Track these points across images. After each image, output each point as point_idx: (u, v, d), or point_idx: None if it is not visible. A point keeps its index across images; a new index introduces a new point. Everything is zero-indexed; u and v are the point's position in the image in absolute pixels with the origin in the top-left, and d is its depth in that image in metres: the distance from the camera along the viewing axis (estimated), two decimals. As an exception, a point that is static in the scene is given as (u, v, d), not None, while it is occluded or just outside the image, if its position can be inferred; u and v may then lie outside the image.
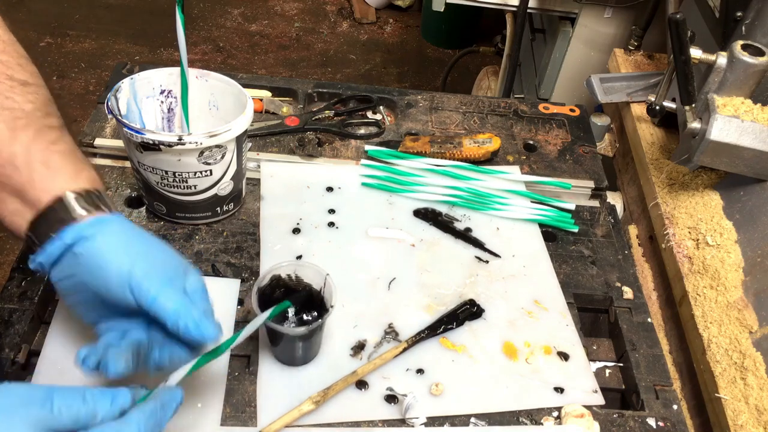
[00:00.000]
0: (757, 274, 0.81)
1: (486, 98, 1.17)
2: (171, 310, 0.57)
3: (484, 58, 2.31)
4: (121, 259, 0.58)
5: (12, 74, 0.61)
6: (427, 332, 0.79)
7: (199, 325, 0.58)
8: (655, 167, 1.02)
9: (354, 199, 0.95)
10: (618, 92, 1.17)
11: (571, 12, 1.48)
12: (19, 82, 0.61)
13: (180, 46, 0.80)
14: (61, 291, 0.62)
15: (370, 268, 0.86)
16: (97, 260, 0.58)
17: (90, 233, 0.58)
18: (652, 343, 0.82)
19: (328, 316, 0.70)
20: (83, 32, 2.96)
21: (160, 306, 0.57)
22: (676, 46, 0.82)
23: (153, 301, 0.57)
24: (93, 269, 0.58)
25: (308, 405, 0.69)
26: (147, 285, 0.57)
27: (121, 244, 0.59)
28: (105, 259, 0.58)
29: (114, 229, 0.60)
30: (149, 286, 0.57)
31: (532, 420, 0.73)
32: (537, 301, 0.85)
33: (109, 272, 0.58)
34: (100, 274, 0.58)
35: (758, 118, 0.83)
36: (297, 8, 3.33)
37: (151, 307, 0.57)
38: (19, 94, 0.60)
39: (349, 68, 3.00)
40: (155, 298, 0.57)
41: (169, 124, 0.89)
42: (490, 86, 1.89)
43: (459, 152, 1.01)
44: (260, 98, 1.08)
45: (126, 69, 1.09)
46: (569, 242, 0.94)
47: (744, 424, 0.72)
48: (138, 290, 0.57)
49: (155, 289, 0.57)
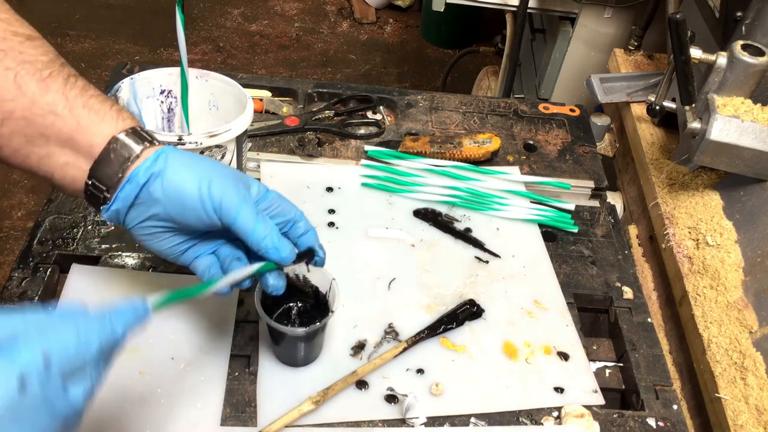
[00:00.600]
0: (757, 274, 0.81)
1: (486, 98, 1.17)
2: (252, 229, 0.60)
3: (484, 58, 2.31)
4: (198, 184, 0.59)
5: (16, 30, 0.59)
6: (427, 332, 0.79)
7: (278, 247, 0.61)
8: (655, 167, 1.02)
9: (354, 199, 0.95)
10: (618, 92, 1.16)
11: (571, 12, 1.48)
12: (25, 36, 0.59)
13: (180, 46, 0.80)
14: (138, 233, 0.62)
15: (370, 268, 0.86)
16: (175, 191, 0.59)
17: (159, 167, 0.59)
18: (652, 343, 0.82)
19: (330, 319, 0.70)
20: (83, 32, 2.96)
21: (242, 224, 0.60)
22: (676, 46, 0.82)
23: (235, 219, 0.59)
24: (173, 200, 0.59)
25: (308, 405, 0.69)
26: (227, 203, 0.59)
27: (190, 170, 0.60)
28: (182, 187, 0.59)
29: (176, 158, 0.60)
30: (230, 205, 0.59)
31: (532, 420, 0.73)
32: (537, 301, 0.85)
33: (190, 199, 0.59)
34: (181, 203, 0.59)
35: (758, 118, 0.83)
36: (297, 8, 3.33)
37: (234, 224, 0.60)
38: (30, 48, 0.58)
39: (349, 68, 3.00)
40: (237, 215, 0.59)
41: (169, 124, 0.89)
42: (490, 86, 1.89)
43: (459, 152, 1.01)
44: (260, 98, 1.08)
45: (126, 69, 1.09)
46: (569, 242, 0.94)
47: (744, 424, 0.72)
48: (220, 209, 0.59)
49: (235, 207, 0.59)
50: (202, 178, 0.59)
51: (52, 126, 0.57)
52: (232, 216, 0.59)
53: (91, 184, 0.59)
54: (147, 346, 0.74)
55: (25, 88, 0.56)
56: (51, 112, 0.57)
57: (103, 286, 0.79)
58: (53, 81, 0.58)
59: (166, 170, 0.59)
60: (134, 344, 0.75)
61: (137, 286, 0.80)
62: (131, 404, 0.69)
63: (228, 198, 0.59)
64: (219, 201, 0.59)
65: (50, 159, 0.59)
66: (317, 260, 0.66)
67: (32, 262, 0.81)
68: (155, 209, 0.59)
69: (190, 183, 0.59)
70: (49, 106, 0.57)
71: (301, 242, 0.65)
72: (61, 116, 0.57)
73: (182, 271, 0.82)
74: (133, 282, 0.80)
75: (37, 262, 0.81)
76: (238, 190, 0.61)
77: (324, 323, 0.70)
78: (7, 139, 0.57)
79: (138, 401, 0.69)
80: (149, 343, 0.74)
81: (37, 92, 0.57)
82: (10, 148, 0.58)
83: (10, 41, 0.57)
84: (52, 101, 0.57)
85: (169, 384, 0.71)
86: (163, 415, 0.68)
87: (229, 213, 0.59)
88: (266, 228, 0.61)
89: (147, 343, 0.74)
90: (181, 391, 0.70)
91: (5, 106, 0.56)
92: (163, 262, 0.83)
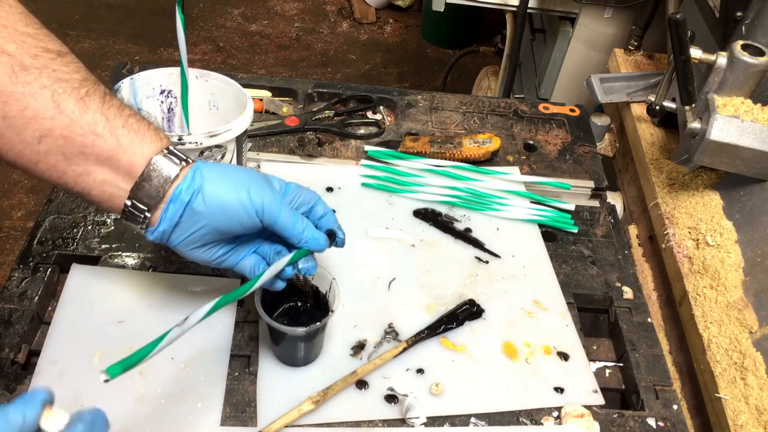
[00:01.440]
0: (757, 274, 0.81)
1: (486, 98, 1.17)
2: (293, 225, 0.64)
3: (484, 58, 2.31)
4: (237, 192, 0.62)
5: (46, 45, 0.58)
6: (427, 332, 0.79)
7: (316, 237, 0.66)
8: (655, 167, 1.02)
9: (354, 199, 0.95)
10: (618, 92, 1.16)
11: (571, 12, 1.48)
12: (56, 52, 0.59)
13: (180, 46, 0.80)
14: (184, 249, 0.64)
15: (370, 268, 0.86)
16: (218, 202, 0.61)
17: (198, 184, 0.61)
18: (652, 343, 0.82)
19: (329, 319, 0.70)
20: (83, 32, 2.96)
21: (283, 222, 0.64)
22: (676, 46, 0.82)
23: (277, 219, 0.64)
24: (216, 212, 0.62)
25: (308, 405, 0.69)
26: (268, 206, 0.63)
27: (227, 181, 0.62)
28: (223, 198, 0.62)
29: (211, 172, 0.62)
30: (271, 207, 0.63)
31: (532, 420, 0.73)
32: (537, 301, 0.85)
33: (232, 207, 0.62)
34: (224, 213, 0.62)
35: (758, 118, 0.83)
36: (297, 8, 3.33)
37: (276, 223, 0.64)
38: (62, 65, 0.58)
39: (349, 68, 3.00)
40: (278, 215, 0.64)
41: (169, 124, 0.89)
42: (490, 86, 1.89)
43: (459, 152, 1.01)
44: (260, 98, 1.08)
45: (126, 69, 1.09)
46: (569, 242, 0.94)
47: (744, 424, 0.72)
48: (263, 212, 0.63)
49: (276, 208, 0.63)
50: (240, 186, 0.62)
51: (92, 145, 0.58)
52: (274, 216, 0.63)
53: (131, 204, 0.60)
54: (147, 346, 0.74)
55: (64, 107, 0.57)
56: (91, 131, 0.58)
57: (103, 286, 0.79)
58: (91, 100, 0.58)
59: (204, 185, 0.61)
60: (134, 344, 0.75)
61: (137, 286, 0.80)
62: (131, 404, 0.69)
63: (268, 201, 0.63)
64: (260, 205, 0.62)
65: (88, 177, 0.59)
66: (338, 241, 0.69)
67: (32, 262, 0.81)
68: (200, 223, 0.62)
69: (230, 193, 0.62)
70: (90, 126, 0.58)
71: (320, 225, 0.69)
72: (101, 136, 0.58)
73: (182, 271, 0.82)
74: (133, 282, 0.80)
75: (37, 262, 0.81)
76: (273, 191, 0.64)
77: (324, 323, 0.70)
78: (44, 155, 0.58)
79: (138, 401, 0.69)
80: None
81: (77, 111, 0.57)
82: (46, 164, 0.58)
83: (43, 58, 0.57)
84: (92, 120, 0.58)
85: (169, 384, 0.71)
86: (163, 415, 0.68)
87: (272, 214, 0.63)
88: (302, 222, 0.65)
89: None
90: (181, 391, 0.70)
91: (44, 125, 0.56)
92: (164, 262, 0.83)
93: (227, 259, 0.67)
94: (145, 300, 0.78)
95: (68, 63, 0.59)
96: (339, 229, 0.70)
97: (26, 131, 0.56)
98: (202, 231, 0.63)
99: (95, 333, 0.74)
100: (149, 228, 0.62)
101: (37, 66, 0.56)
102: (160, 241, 0.63)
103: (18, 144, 0.57)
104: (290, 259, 0.66)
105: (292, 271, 0.67)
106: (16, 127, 0.56)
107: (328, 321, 0.71)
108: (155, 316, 0.77)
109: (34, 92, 0.56)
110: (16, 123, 0.56)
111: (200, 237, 0.63)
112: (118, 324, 0.76)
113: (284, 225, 0.64)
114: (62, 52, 0.60)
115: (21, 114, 0.55)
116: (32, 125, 0.56)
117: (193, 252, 0.65)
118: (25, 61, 0.56)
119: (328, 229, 0.69)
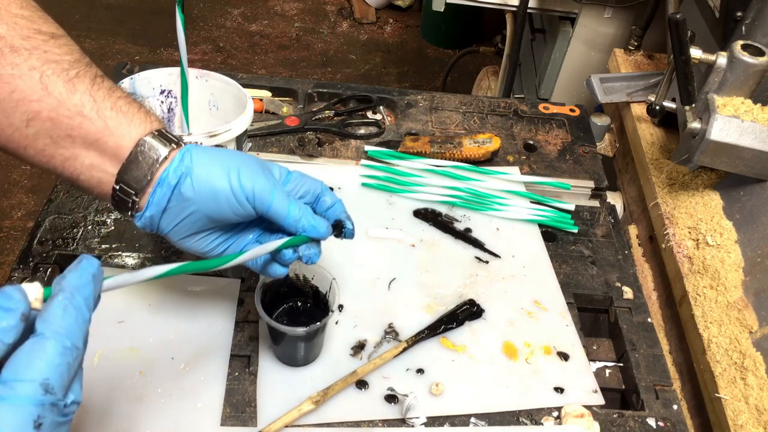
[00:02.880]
0: (757, 274, 0.81)
1: (486, 98, 1.17)
2: (287, 212, 0.61)
3: (484, 58, 2.31)
4: (227, 176, 0.59)
5: (39, 28, 0.57)
6: (427, 332, 0.79)
7: (315, 225, 0.62)
8: (655, 167, 1.02)
9: (354, 199, 0.95)
10: (618, 92, 1.16)
11: (571, 12, 1.48)
12: (49, 34, 0.57)
13: (180, 46, 0.80)
14: (176, 237, 0.61)
15: (370, 268, 0.86)
16: (206, 186, 0.58)
17: (187, 167, 0.58)
18: (652, 343, 0.82)
19: (329, 319, 0.70)
20: (83, 32, 2.97)
21: (277, 208, 0.60)
22: (676, 46, 0.82)
23: (270, 205, 0.60)
24: (205, 196, 0.59)
25: (308, 405, 0.69)
26: (259, 190, 0.59)
27: (217, 163, 0.59)
28: (212, 181, 0.58)
29: (201, 154, 0.60)
30: (262, 191, 0.60)
31: (532, 420, 0.73)
32: (537, 301, 0.85)
33: (222, 191, 0.59)
34: (214, 198, 0.59)
35: (758, 118, 0.83)
36: (297, 8, 3.33)
37: (269, 210, 0.60)
38: (55, 47, 0.57)
39: (349, 68, 3.00)
40: (271, 201, 0.60)
41: (169, 124, 0.89)
42: (490, 86, 1.89)
43: (459, 152, 1.01)
44: (260, 98, 1.08)
45: (126, 69, 1.09)
46: (569, 242, 0.94)
47: (744, 424, 0.72)
48: (253, 197, 0.59)
49: (268, 193, 0.60)
50: (231, 169, 0.59)
51: (79, 127, 0.56)
52: (266, 202, 0.60)
53: (119, 188, 0.58)
54: (147, 346, 0.74)
55: (52, 89, 0.55)
56: (78, 113, 0.56)
57: (103, 286, 0.79)
58: (80, 81, 0.57)
59: (193, 168, 0.58)
60: (134, 344, 0.75)
61: (137, 286, 0.80)
62: (131, 404, 0.69)
63: (259, 185, 0.60)
64: (251, 189, 0.59)
65: (76, 161, 0.57)
66: (346, 231, 0.67)
67: (32, 262, 0.81)
68: (189, 209, 0.59)
69: (220, 176, 0.59)
70: (77, 107, 0.56)
71: (328, 215, 0.66)
72: (88, 118, 0.56)
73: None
74: (133, 282, 0.80)
75: (37, 262, 0.81)
76: (266, 176, 0.61)
77: (324, 323, 0.70)
78: (32, 139, 0.56)
79: (138, 401, 0.69)
80: (149, 343, 0.74)
81: (65, 93, 0.55)
82: (34, 148, 0.57)
83: (34, 40, 0.56)
84: (79, 102, 0.56)
85: (169, 384, 0.71)
86: (163, 415, 0.68)
87: (263, 200, 0.60)
88: (299, 209, 0.62)
89: (147, 343, 0.74)
90: (181, 391, 0.70)
91: (31, 107, 0.55)
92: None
93: (225, 250, 0.64)
94: (144, 300, 0.78)
95: (61, 45, 0.58)
96: (348, 219, 0.67)
97: (14, 114, 0.54)
98: (192, 218, 0.60)
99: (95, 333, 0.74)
100: (137, 213, 0.59)
101: (27, 47, 0.55)
102: (150, 228, 0.60)
103: (7, 128, 0.55)
104: (284, 243, 0.62)
105: (293, 255, 0.64)
106: (5, 110, 0.54)
107: (328, 321, 0.71)
108: (155, 316, 0.77)
109: (23, 74, 0.54)
110: (5, 106, 0.54)
111: (191, 224, 0.60)
112: (118, 324, 0.76)
113: (278, 212, 0.61)
114: (56, 34, 0.58)
115: (9, 97, 0.54)
116: (20, 108, 0.54)
117: (185, 241, 0.62)
118: (15, 43, 0.54)
119: (336, 219, 0.66)
